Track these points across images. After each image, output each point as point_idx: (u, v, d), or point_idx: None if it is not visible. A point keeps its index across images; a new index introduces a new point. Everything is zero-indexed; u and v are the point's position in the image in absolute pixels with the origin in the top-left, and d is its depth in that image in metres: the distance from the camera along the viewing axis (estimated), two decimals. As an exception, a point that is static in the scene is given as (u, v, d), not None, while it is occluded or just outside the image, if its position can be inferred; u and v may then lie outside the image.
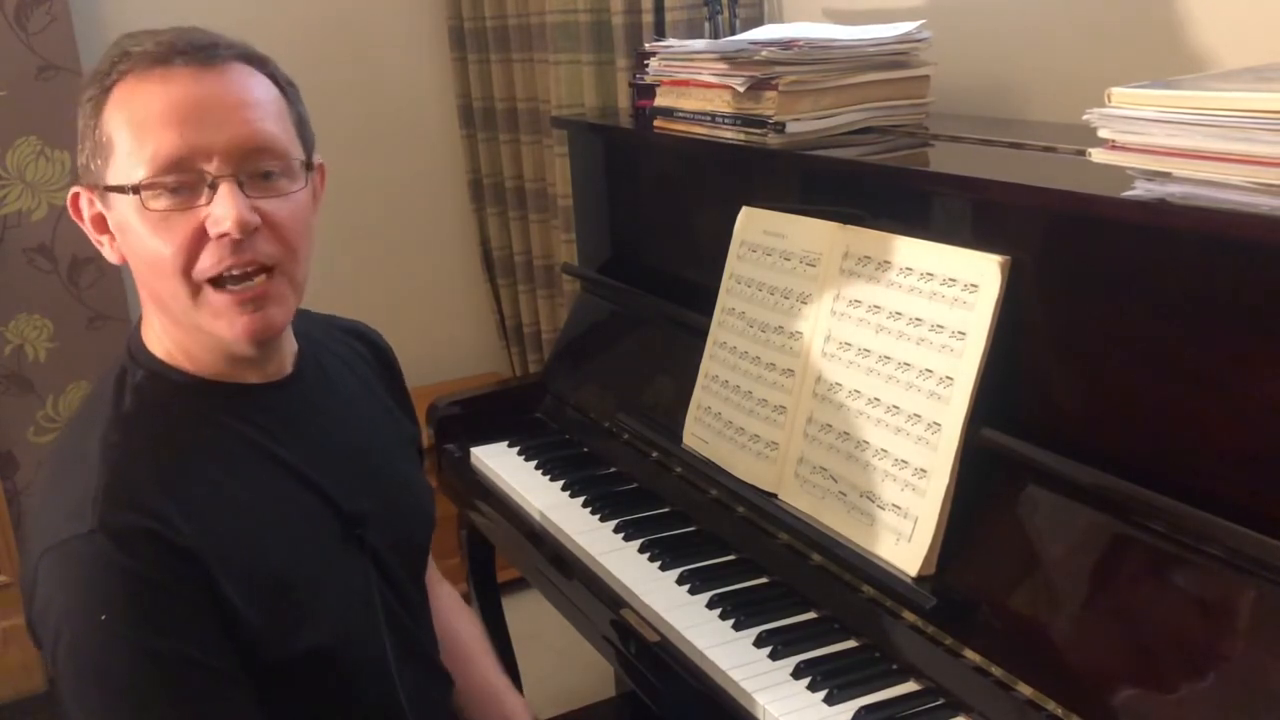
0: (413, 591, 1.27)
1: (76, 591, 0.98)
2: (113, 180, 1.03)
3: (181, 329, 1.08)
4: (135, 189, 1.01)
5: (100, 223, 1.08)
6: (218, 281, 1.03)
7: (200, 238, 1.02)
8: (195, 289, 1.03)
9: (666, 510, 1.61)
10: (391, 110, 2.96)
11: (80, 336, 2.53)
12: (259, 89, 1.06)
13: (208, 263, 1.02)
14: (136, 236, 1.03)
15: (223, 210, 1.00)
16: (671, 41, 1.79)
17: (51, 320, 2.51)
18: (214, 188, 1.01)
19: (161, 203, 1.01)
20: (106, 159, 1.03)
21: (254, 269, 1.04)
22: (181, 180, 1.01)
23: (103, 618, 0.97)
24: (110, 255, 1.10)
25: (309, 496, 1.14)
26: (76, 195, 1.09)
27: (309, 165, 1.10)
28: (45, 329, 2.51)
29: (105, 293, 2.54)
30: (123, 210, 1.03)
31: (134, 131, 1.01)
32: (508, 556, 1.87)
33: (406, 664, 1.20)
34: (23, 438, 2.53)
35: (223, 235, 1.01)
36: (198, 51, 1.03)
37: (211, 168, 1.01)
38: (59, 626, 0.99)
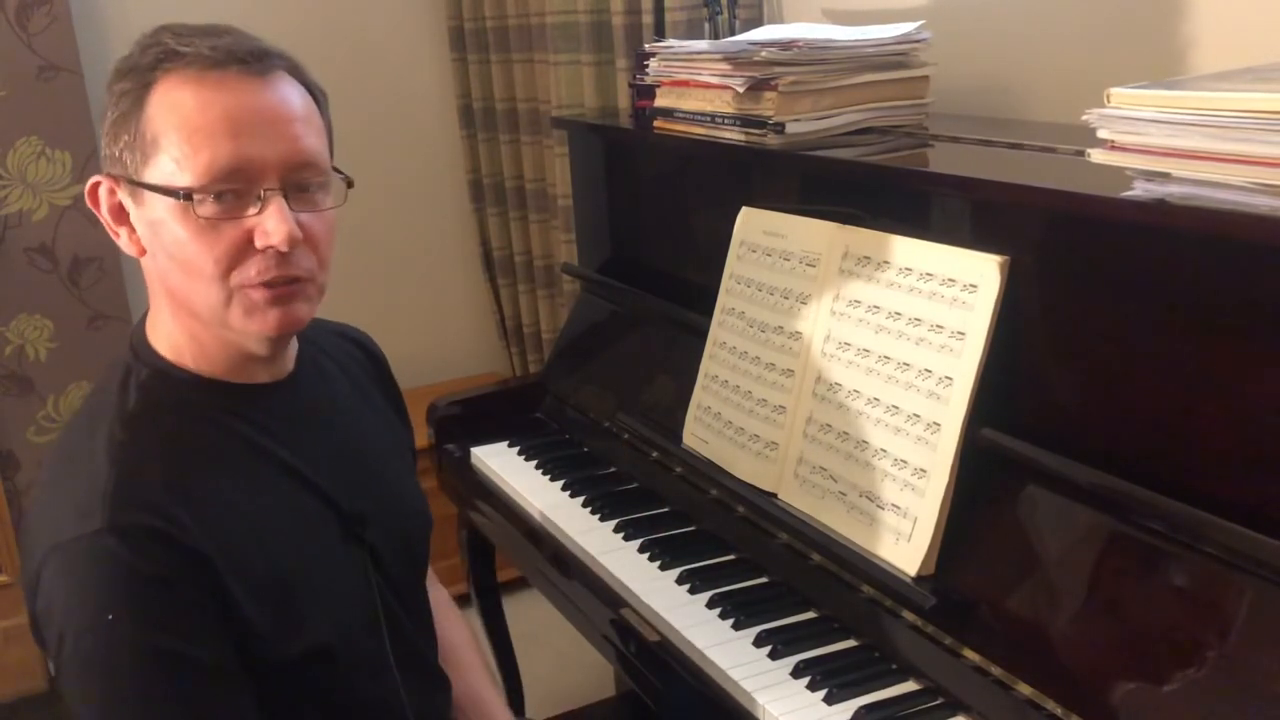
0: (411, 593, 1.27)
1: (83, 590, 0.98)
2: (154, 179, 1.03)
3: (200, 324, 1.08)
4: (186, 194, 1.01)
5: (119, 214, 1.08)
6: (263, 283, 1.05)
7: (243, 246, 1.03)
8: (229, 292, 1.04)
9: (666, 510, 1.62)
10: (391, 110, 2.96)
11: (80, 336, 2.53)
12: (305, 102, 1.08)
13: (251, 272, 1.03)
14: (174, 238, 1.03)
15: (273, 225, 1.02)
16: (671, 42, 1.79)
17: (51, 320, 2.51)
18: (263, 199, 1.02)
19: (209, 209, 1.01)
20: (147, 156, 1.03)
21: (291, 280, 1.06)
22: (232, 189, 1.02)
23: (109, 617, 0.97)
24: (127, 247, 1.09)
25: (310, 497, 1.14)
26: (97, 184, 1.08)
27: (347, 180, 1.12)
28: (45, 329, 2.51)
29: (105, 293, 2.54)
30: (159, 209, 1.03)
31: (188, 136, 1.01)
32: (508, 556, 1.88)
33: (404, 665, 1.20)
34: (23, 438, 2.53)
35: (269, 248, 1.02)
36: (253, 60, 1.04)
37: (263, 180, 1.02)
38: (64, 624, 0.99)
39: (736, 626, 1.32)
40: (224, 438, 1.09)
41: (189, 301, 1.06)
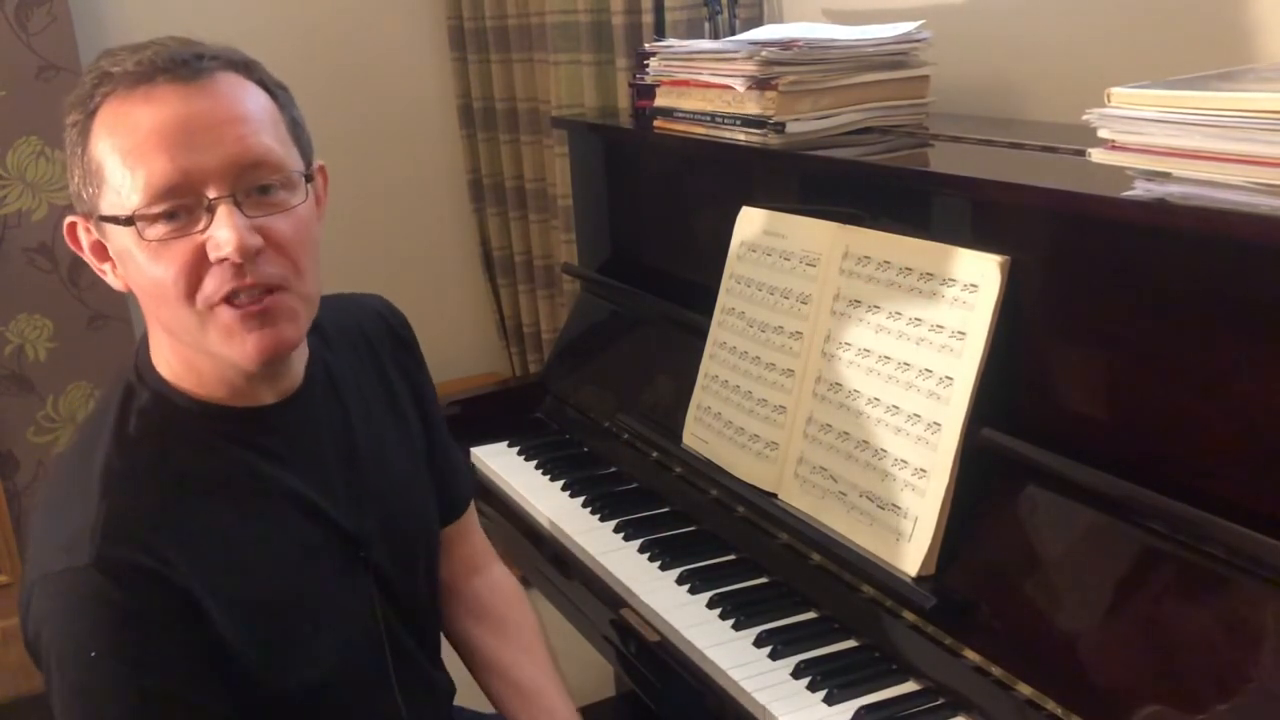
0: (416, 605, 1.24)
1: (68, 625, 0.97)
2: (107, 210, 0.99)
3: (191, 351, 1.04)
4: (130, 219, 0.97)
5: (100, 250, 1.04)
6: (225, 297, 0.99)
7: (201, 262, 0.98)
8: (201, 313, 0.99)
9: (666, 510, 1.61)
10: (391, 110, 2.96)
11: (80, 336, 2.53)
12: (249, 99, 1.01)
13: (211, 288, 0.98)
14: (136, 265, 0.99)
15: (223, 235, 0.96)
16: (671, 41, 1.79)
17: (51, 320, 2.50)
18: (211, 210, 0.97)
19: (158, 230, 0.97)
20: (99, 188, 0.99)
21: (260, 290, 1.00)
22: (177, 206, 0.96)
23: (92, 654, 0.96)
24: (114, 283, 1.05)
25: (312, 523, 1.11)
26: (73, 225, 1.04)
27: (309, 174, 1.05)
28: (45, 329, 2.51)
29: (105, 293, 2.51)
30: (120, 239, 1.00)
31: (123, 158, 0.96)
32: (508, 556, 1.87)
33: (407, 683, 1.19)
34: (23, 438, 2.53)
35: (223, 260, 0.97)
36: (181, 66, 0.97)
37: (207, 190, 0.96)
38: (50, 656, 0.98)
39: (737, 627, 1.32)
40: (225, 466, 1.06)
41: (171, 328, 1.03)
